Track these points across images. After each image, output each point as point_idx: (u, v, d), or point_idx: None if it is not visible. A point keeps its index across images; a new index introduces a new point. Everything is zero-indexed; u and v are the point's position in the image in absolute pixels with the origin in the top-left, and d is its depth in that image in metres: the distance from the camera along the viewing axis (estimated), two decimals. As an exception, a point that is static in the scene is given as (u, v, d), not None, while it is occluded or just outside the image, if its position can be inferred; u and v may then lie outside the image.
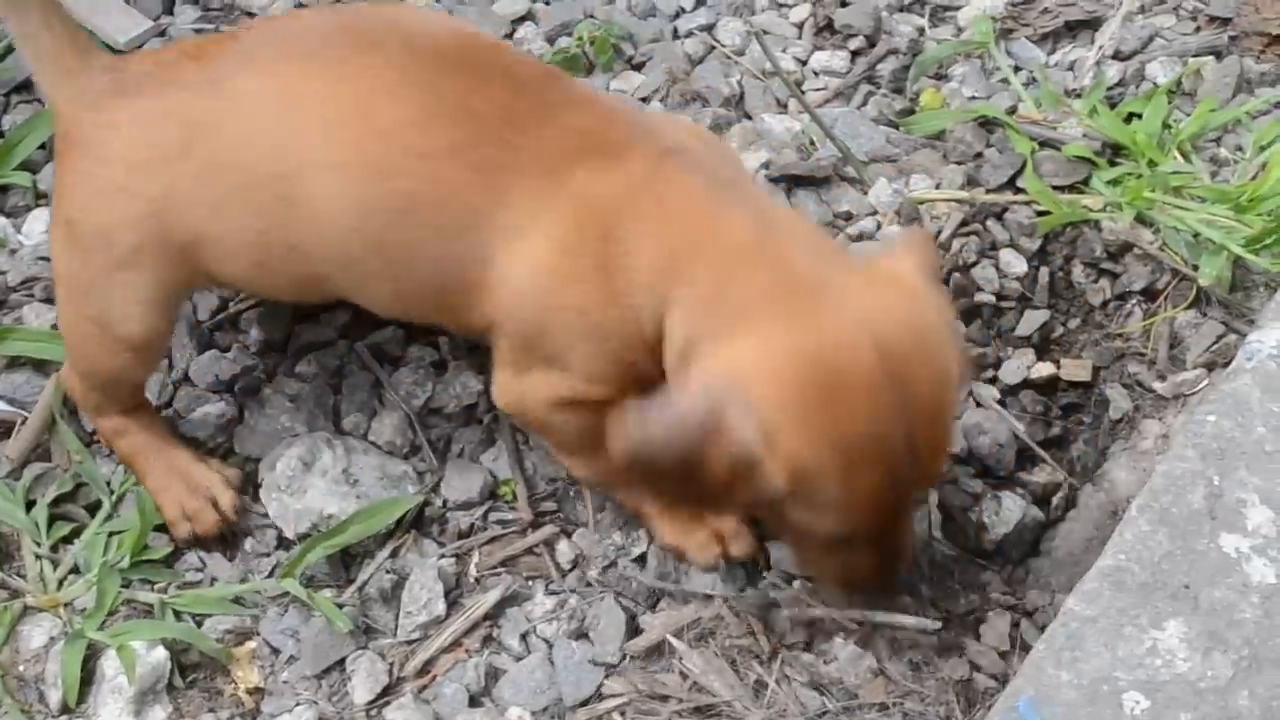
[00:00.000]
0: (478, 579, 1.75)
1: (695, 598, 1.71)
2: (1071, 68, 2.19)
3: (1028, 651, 1.55)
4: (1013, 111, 2.12)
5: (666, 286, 1.51)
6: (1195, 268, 1.94)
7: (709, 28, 2.23)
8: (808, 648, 1.68)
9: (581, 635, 1.70)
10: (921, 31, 2.24)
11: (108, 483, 1.81)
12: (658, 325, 1.53)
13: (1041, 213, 1.99)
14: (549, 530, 1.78)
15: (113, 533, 1.78)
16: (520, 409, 1.67)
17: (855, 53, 2.21)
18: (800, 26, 2.24)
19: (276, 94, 1.59)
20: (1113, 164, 2.05)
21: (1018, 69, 2.19)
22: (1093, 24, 2.23)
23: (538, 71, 1.63)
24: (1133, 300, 1.96)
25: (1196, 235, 1.95)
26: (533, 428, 1.74)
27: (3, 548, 1.78)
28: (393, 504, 1.76)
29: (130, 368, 1.74)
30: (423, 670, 1.69)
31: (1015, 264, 1.97)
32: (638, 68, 2.19)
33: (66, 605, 1.74)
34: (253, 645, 1.72)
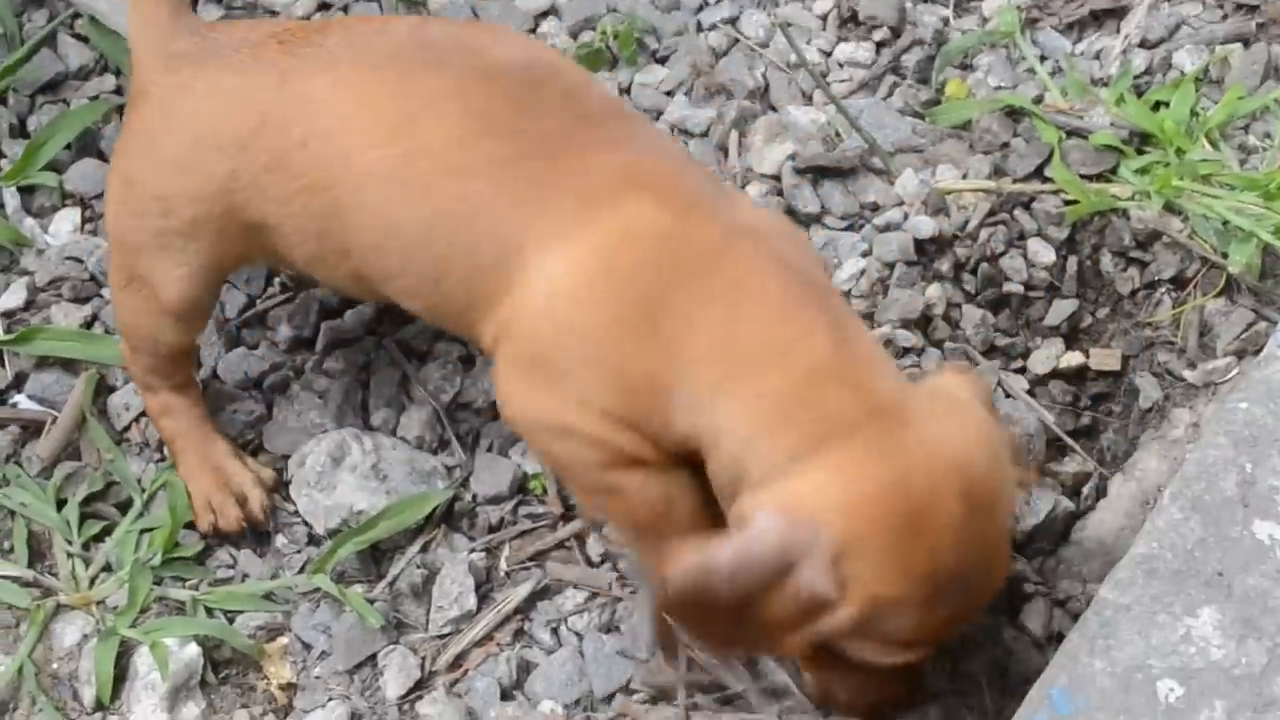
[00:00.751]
0: (508, 573, 1.75)
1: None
2: (1098, 56, 2.17)
3: (1060, 641, 1.54)
4: (1039, 101, 2.11)
5: (725, 379, 1.44)
6: (1224, 255, 1.93)
7: (733, 20, 2.23)
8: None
9: (612, 628, 1.70)
10: (946, 22, 2.23)
11: (138, 480, 1.82)
12: (693, 412, 1.46)
13: (1069, 202, 1.99)
14: (579, 524, 1.77)
15: (144, 530, 1.79)
16: (523, 425, 1.58)
17: (880, 44, 2.20)
18: (824, 18, 2.24)
19: (343, 102, 1.58)
20: (1140, 152, 2.04)
21: (1044, 58, 2.18)
22: (1118, 12, 2.22)
23: (608, 107, 1.59)
24: (1162, 289, 1.95)
25: (1225, 223, 1.94)
26: (535, 446, 1.64)
27: (34, 546, 1.79)
28: (422, 499, 1.76)
29: (173, 331, 1.74)
30: (454, 664, 1.70)
31: (1043, 253, 1.96)
32: (661, 61, 2.18)
33: (99, 603, 1.75)
34: (285, 641, 1.72)
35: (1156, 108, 2.08)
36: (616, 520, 1.63)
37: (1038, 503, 1.77)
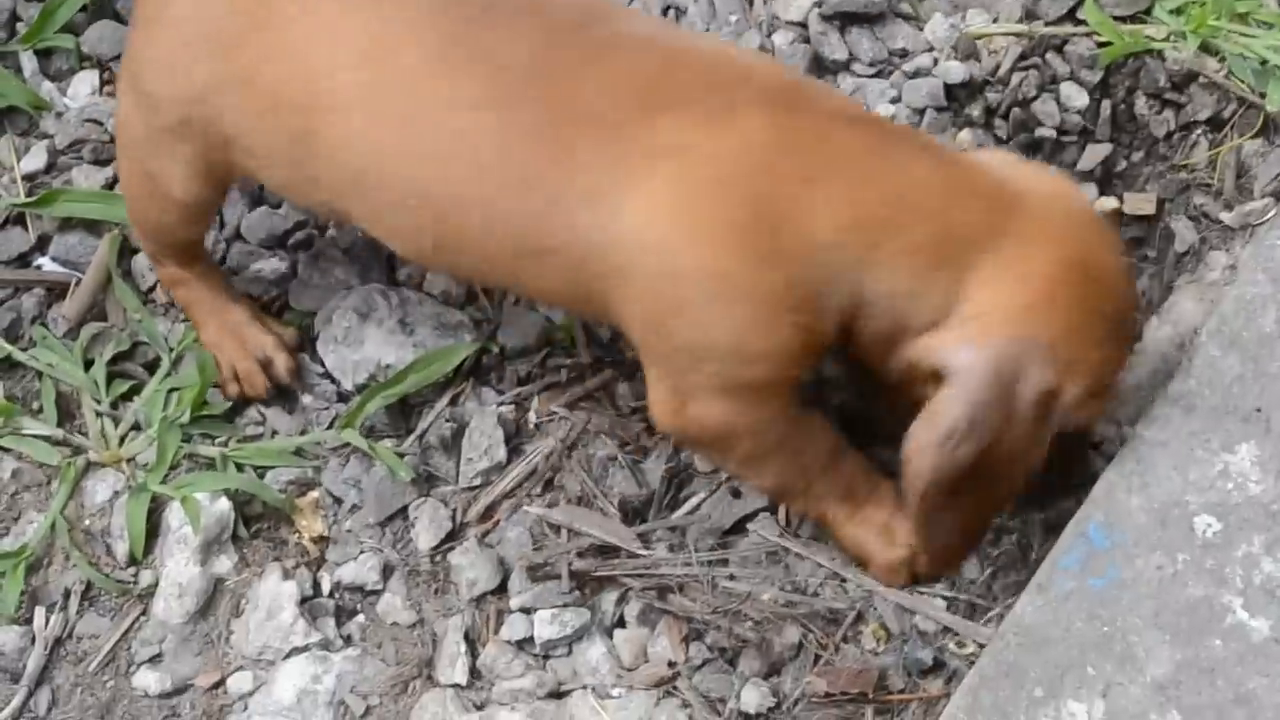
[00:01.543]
0: (537, 425, 1.74)
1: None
2: (1132, -104, 2.12)
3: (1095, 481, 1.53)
4: (1071, -58, 2.06)
5: (862, 251, 1.41)
6: (1262, 95, 1.89)
7: None
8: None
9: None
10: None
11: (165, 339, 1.81)
12: (845, 288, 1.43)
13: (1103, 44, 1.94)
14: (608, 374, 1.76)
15: (172, 389, 1.78)
16: (681, 414, 1.51)
17: (908, -112, 2.15)
18: None
19: (308, 21, 1.51)
20: (1176, -8, 2.00)
21: (1076, -101, 2.13)
22: None
23: (580, 5, 1.50)
24: (1198, 131, 1.92)
25: (1263, 62, 1.90)
26: (704, 440, 1.55)
27: (63, 406, 1.79)
28: (450, 351, 1.75)
29: (179, 225, 1.72)
30: (485, 516, 1.69)
31: (1076, 97, 1.92)
32: (685, -90, 2.14)
33: (129, 461, 1.75)
34: (315, 495, 1.72)
35: (1192, -54, 2.03)
36: (794, 485, 1.58)
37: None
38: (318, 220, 1.89)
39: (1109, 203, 1.88)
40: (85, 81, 2.02)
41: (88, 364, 1.79)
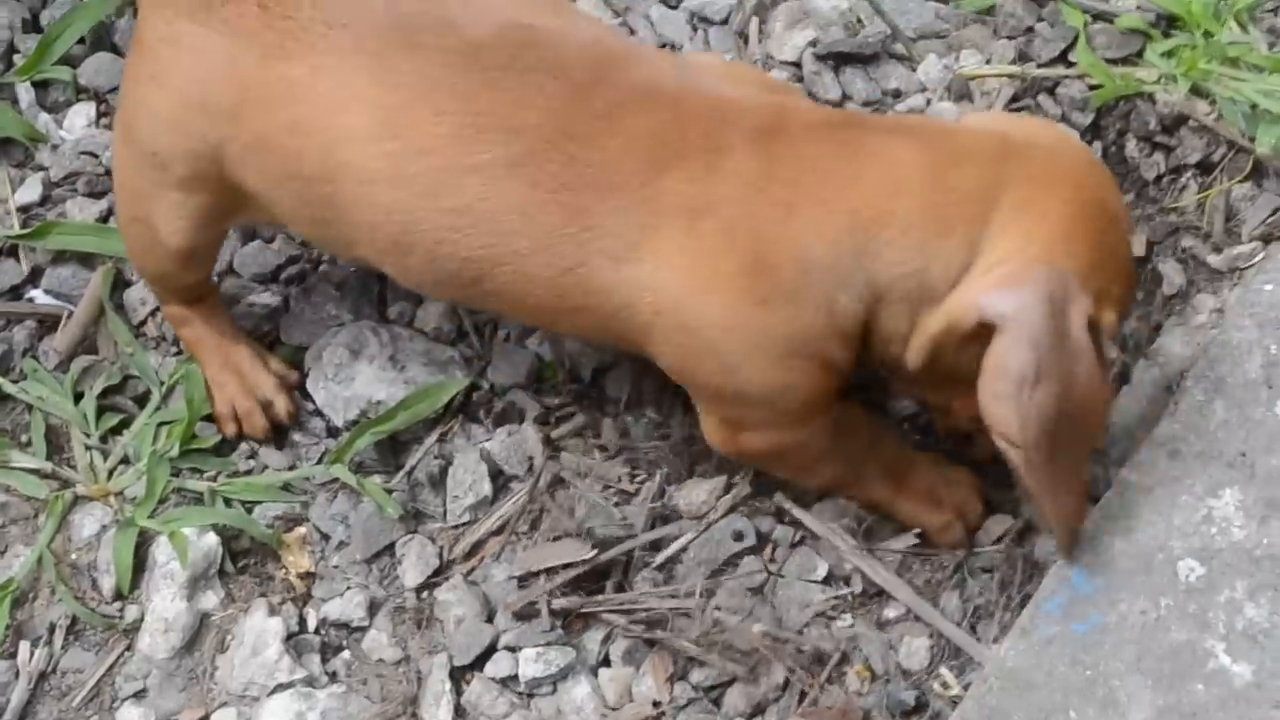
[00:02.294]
0: (524, 462, 1.74)
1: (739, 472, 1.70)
2: (1124, -61, 2.14)
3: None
4: (1064, -15, 2.07)
5: (864, 250, 1.43)
6: (1252, 139, 1.90)
7: (753, -94, 2.19)
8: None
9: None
10: (970, -94, 2.19)
11: (156, 373, 1.81)
12: (855, 290, 1.44)
13: (1094, 86, 1.95)
14: (593, 414, 1.77)
15: (162, 423, 1.78)
16: (732, 441, 1.57)
17: (902, -72, 2.16)
18: (846, -96, 2.20)
19: (322, 90, 1.50)
20: (1167, 35, 2.00)
21: (1069, -58, 2.14)
22: (1146, -106, 2.18)
23: (595, 59, 1.49)
24: (1187, 174, 1.92)
25: (1254, 106, 1.91)
26: (757, 460, 1.62)
27: (52, 439, 1.79)
28: (440, 388, 1.75)
29: (177, 272, 1.73)
30: (471, 553, 1.69)
31: (1067, 139, 1.93)
32: (681, -51, 2.15)
33: (117, 494, 1.75)
34: (303, 531, 1.72)
35: (1184, -10, 2.04)
36: (845, 479, 1.64)
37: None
38: (310, 255, 1.89)
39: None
40: (81, 114, 2.03)
41: (78, 397, 1.80)
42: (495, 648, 1.63)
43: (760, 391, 1.50)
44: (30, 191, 1.95)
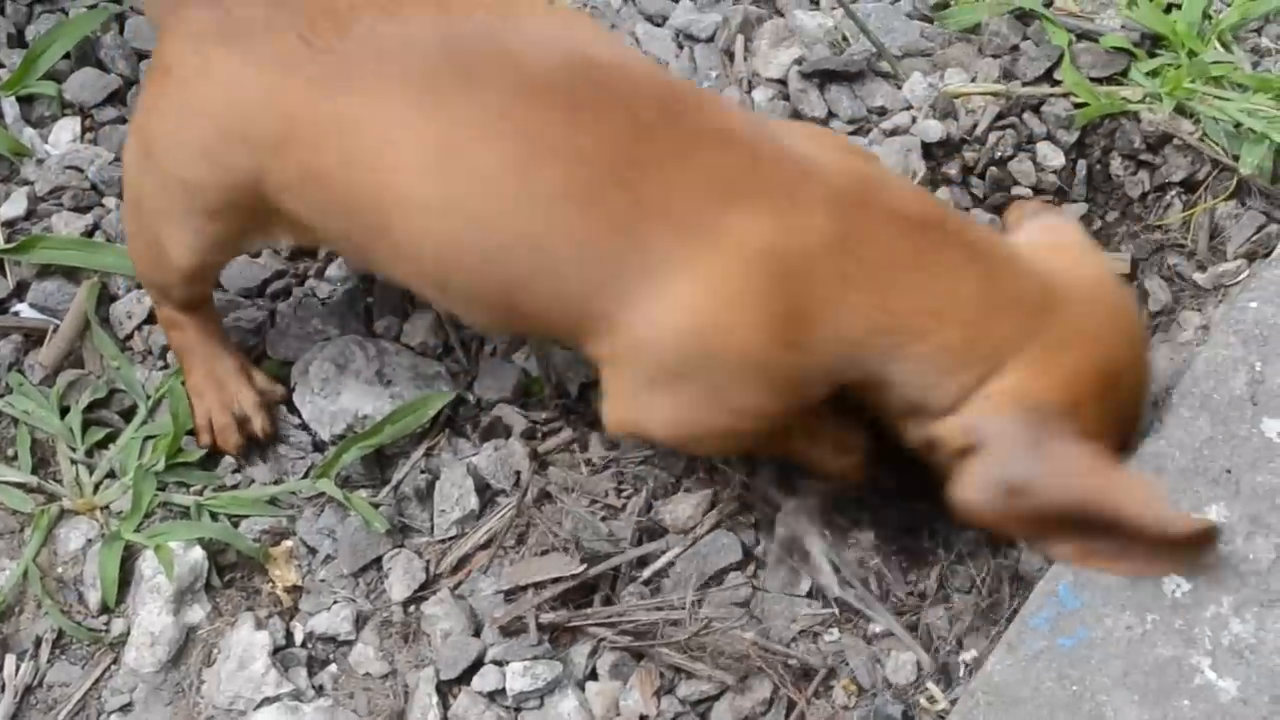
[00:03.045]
0: (511, 476, 1.74)
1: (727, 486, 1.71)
2: (1108, -41, 2.15)
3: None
4: (1049, 4, 2.08)
5: (892, 350, 1.49)
6: (1236, 158, 1.91)
7: (739, -75, 2.20)
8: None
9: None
10: (955, -74, 2.20)
11: (143, 386, 1.81)
12: (860, 367, 1.51)
13: (1079, 105, 1.97)
14: (581, 428, 1.77)
15: (148, 437, 1.78)
16: (637, 430, 1.60)
17: (888, -52, 2.18)
18: (832, -77, 2.21)
19: (374, 123, 1.50)
20: (1152, 55, 2.02)
21: (1054, -39, 2.15)
22: (1130, -86, 2.19)
23: (662, 97, 1.51)
24: (1172, 192, 1.93)
25: (1237, 125, 1.93)
26: (652, 442, 1.68)
27: (38, 454, 1.79)
28: (426, 402, 1.75)
29: (183, 287, 1.72)
30: (458, 567, 1.69)
31: (1053, 157, 1.94)
32: (667, -34, 2.16)
33: (103, 509, 1.74)
34: (289, 545, 1.72)
35: (1168, 9, 2.06)
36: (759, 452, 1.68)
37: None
38: (296, 270, 1.89)
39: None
40: (67, 129, 2.03)
41: (64, 411, 1.79)
42: (482, 662, 1.62)
43: (734, 407, 1.53)
44: (15, 206, 1.95)
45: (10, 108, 2.03)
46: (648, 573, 1.66)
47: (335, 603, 1.68)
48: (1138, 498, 1.46)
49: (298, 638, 1.67)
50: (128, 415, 1.81)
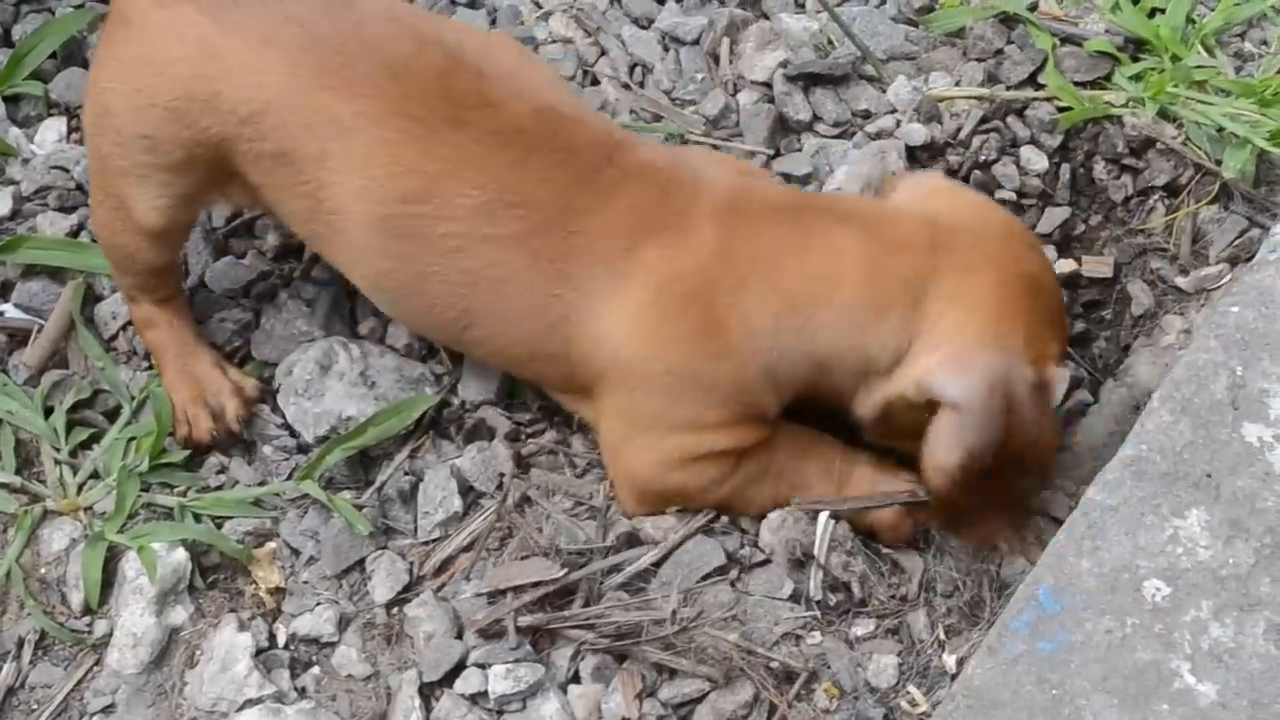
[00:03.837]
0: (495, 478, 1.74)
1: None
2: (1093, -37, 2.15)
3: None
4: (1034, 8, 2.09)
5: (807, 328, 1.57)
6: (1218, 162, 1.92)
7: (725, -72, 2.20)
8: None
9: (600, 533, 1.70)
10: (941, -71, 2.20)
11: (127, 387, 1.81)
12: (797, 360, 1.59)
13: (1063, 109, 1.97)
14: (563, 429, 1.77)
15: (132, 438, 1.78)
16: (648, 485, 1.66)
17: (873, -49, 2.18)
18: (817, -74, 2.21)
19: (362, 139, 1.57)
20: (1135, 59, 2.02)
21: (1039, -35, 2.15)
22: (1115, -81, 2.20)
23: (598, 141, 1.62)
24: (1155, 196, 1.94)
25: (1220, 130, 1.93)
26: (665, 498, 1.69)
27: (22, 454, 1.79)
28: (410, 404, 1.76)
29: (150, 250, 1.73)
30: (441, 569, 1.69)
31: (1036, 161, 1.95)
32: (653, -31, 2.16)
33: (87, 509, 1.74)
34: (273, 546, 1.72)
35: (1152, 14, 2.06)
36: (764, 505, 1.69)
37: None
38: (281, 272, 1.89)
39: (1067, 265, 1.90)
40: (52, 129, 2.03)
41: (48, 411, 1.79)
42: (465, 664, 1.63)
43: (690, 425, 1.61)
44: (1, 205, 1.95)
45: (-5, 107, 2.03)
46: (627, 576, 1.66)
47: (318, 604, 1.68)
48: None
49: (280, 639, 1.67)
50: (112, 416, 1.81)
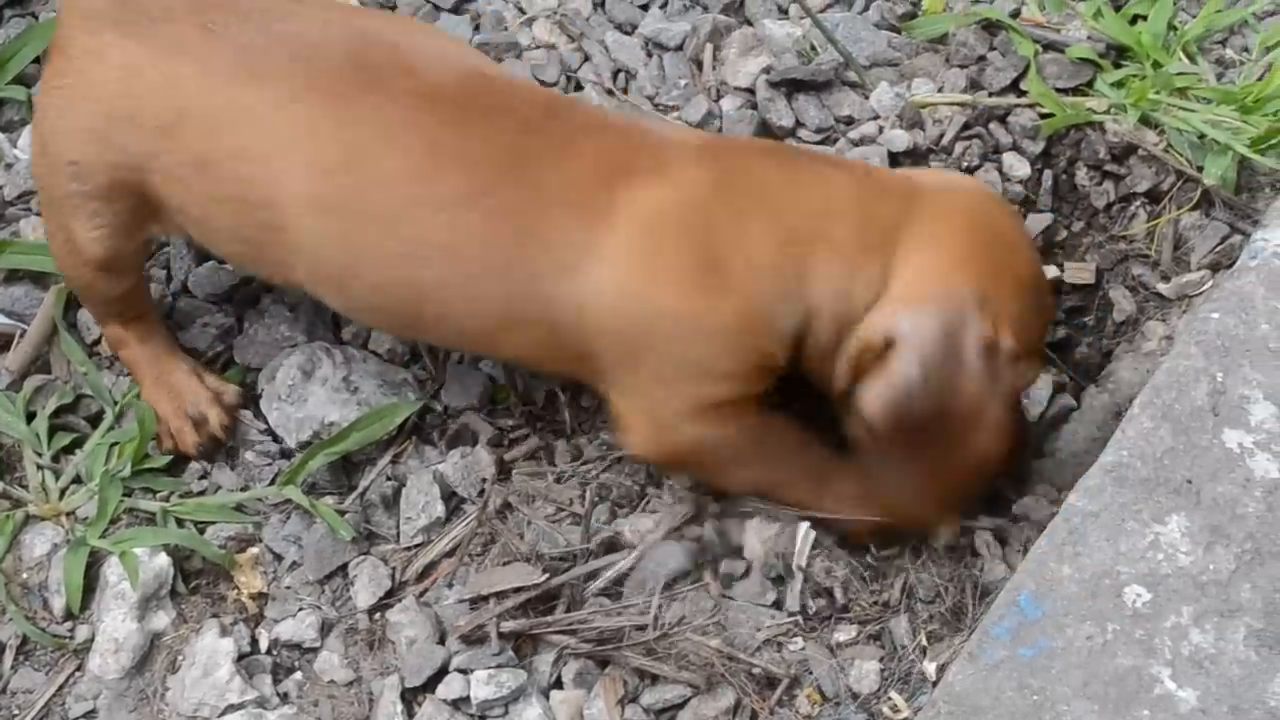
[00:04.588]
0: (478, 484, 1.75)
1: (683, 500, 1.71)
2: (1075, -30, 2.16)
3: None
4: (1016, 14, 2.09)
5: (799, 266, 1.55)
6: (1200, 169, 1.92)
7: (709, -66, 2.21)
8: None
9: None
10: (924, -64, 2.21)
11: (110, 392, 1.81)
12: (793, 302, 1.56)
13: (1045, 115, 1.98)
14: (546, 436, 1.77)
15: (114, 443, 1.78)
16: (659, 439, 1.62)
17: (856, -43, 2.18)
18: (801, -68, 2.22)
19: (277, 122, 1.55)
20: (1117, 66, 2.03)
21: (1021, -28, 2.16)
22: (1097, -74, 2.20)
23: (534, 99, 1.61)
24: (1137, 202, 1.94)
25: (1201, 136, 1.93)
26: (682, 459, 1.65)
27: (4, 459, 1.78)
28: (393, 409, 1.76)
29: (102, 281, 1.73)
30: (424, 574, 1.69)
31: (1018, 167, 1.95)
32: (637, -26, 2.16)
33: (69, 514, 1.74)
34: (255, 552, 1.72)
35: (1134, 21, 2.06)
36: (770, 485, 1.68)
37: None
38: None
39: (1050, 271, 1.90)
40: (36, 133, 2.02)
41: (30, 416, 1.79)
42: (447, 669, 1.63)
43: (700, 373, 1.56)
44: (-17, 210, 1.95)
45: (-22, 112, 2.03)
46: (610, 581, 1.66)
47: (301, 610, 1.68)
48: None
49: (263, 645, 1.67)
50: (94, 421, 1.81)
